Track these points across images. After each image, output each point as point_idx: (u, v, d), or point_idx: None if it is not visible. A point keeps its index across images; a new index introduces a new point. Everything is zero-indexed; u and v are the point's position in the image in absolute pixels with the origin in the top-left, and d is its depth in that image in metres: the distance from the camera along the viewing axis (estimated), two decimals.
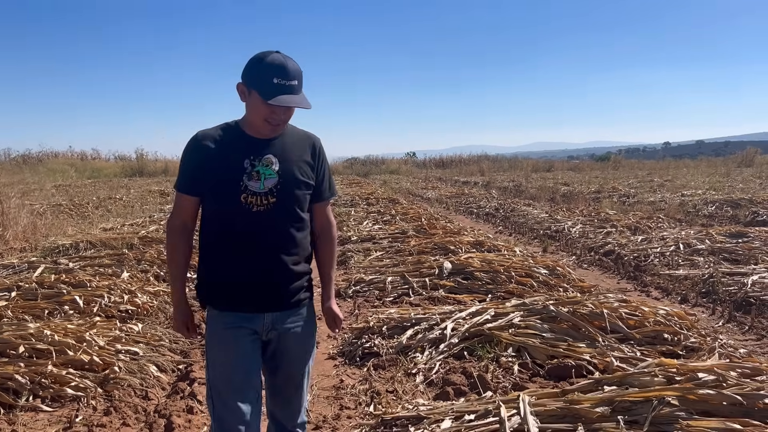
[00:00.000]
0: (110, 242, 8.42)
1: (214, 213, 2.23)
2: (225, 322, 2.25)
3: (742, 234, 8.49)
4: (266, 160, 2.19)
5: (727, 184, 17.55)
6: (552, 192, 17.65)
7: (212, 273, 2.28)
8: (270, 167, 2.19)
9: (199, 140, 2.21)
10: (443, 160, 42.89)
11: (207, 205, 2.24)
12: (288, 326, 2.30)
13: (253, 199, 2.16)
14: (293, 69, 2.09)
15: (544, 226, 10.90)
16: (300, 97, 2.12)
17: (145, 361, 4.31)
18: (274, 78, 2.05)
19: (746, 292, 5.76)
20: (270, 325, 2.27)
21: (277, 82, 2.05)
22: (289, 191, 2.21)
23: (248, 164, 2.17)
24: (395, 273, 6.77)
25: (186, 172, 2.24)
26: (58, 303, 5.50)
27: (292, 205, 2.23)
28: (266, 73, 2.06)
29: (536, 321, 4.56)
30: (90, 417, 3.62)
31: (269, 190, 2.18)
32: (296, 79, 2.09)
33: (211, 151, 2.18)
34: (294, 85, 2.09)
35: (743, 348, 4.47)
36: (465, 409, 3.22)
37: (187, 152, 2.24)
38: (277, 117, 2.13)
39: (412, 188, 22.64)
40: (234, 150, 2.18)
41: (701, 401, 2.96)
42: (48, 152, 35.09)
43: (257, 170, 2.17)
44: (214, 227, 2.24)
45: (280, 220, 2.22)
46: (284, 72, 2.06)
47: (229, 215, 2.19)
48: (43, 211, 13.03)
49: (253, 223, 2.18)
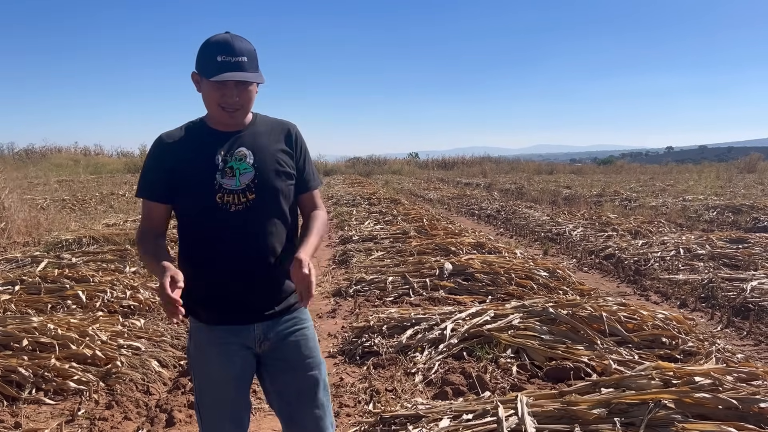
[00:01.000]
0: (113, 238, 8.48)
1: (189, 218, 2.04)
2: (210, 338, 2.06)
3: (743, 240, 8.51)
4: (239, 153, 2.00)
5: (729, 190, 17.56)
6: (554, 195, 17.67)
7: (192, 283, 1.96)
8: (244, 161, 2.00)
9: (164, 141, 2.03)
10: (445, 161, 42.95)
11: (180, 210, 2.05)
12: (283, 334, 2.09)
13: (230, 197, 1.97)
14: (240, 46, 1.92)
15: (545, 229, 10.92)
16: (250, 73, 1.93)
17: (146, 356, 4.35)
18: (217, 56, 1.89)
19: (745, 297, 5.78)
20: (262, 335, 2.06)
21: (221, 60, 1.89)
22: (268, 185, 2.02)
23: (220, 160, 1.98)
24: (396, 273, 6.80)
25: (151, 177, 2.04)
26: (61, 297, 5.55)
27: (274, 200, 2.04)
28: (210, 52, 1.91)
29: (535, 323, 4.59)
30: (92, 410, 3.66)
31: (246, 186, 1.98)
32: (244, 56, 1.92)
33: (178, 152, 2.00)
34: (241, 62, 1.91)
35: (741, 353, 4.50)
36: (463, 409, 3.26)
37: (151, 156, 2.05)
38: (230, 99, 1.94)
39: (414, 189, 22.68)
40: (202, 147, 2.00)
41: (697, 404, 2.98)
42: (51, 147, 35.21)
43: (230, 166, 1.98)
44: (190, 233, 2.05)
45: (263, 218, 2.02)
46: (228, 49, 1.90)
47: (204, 219, 1.99)
48: (47, 206, 13.09)
49: (232, 224, 1.98)
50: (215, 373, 2.08)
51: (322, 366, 2.18)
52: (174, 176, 1.99)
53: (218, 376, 2.07)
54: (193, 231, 2.04)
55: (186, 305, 2.00)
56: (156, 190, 2.03)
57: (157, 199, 2.04)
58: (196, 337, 2.11)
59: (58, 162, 29.98)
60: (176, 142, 2.03)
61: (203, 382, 2.11)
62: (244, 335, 2.05)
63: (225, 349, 2.04)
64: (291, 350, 2.10)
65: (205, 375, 2.10)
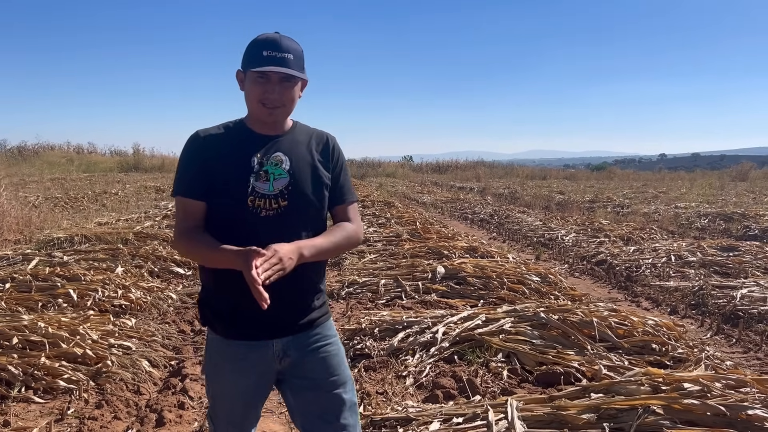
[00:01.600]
0: (105, 237, 8.45)
1: (217, 220, 1.95)
2: (225, 352, 2.00)
3: (734, 248, 8.56)
4: (275, 158, 1.95)
5: (721, 198, 17.65)
6: (547, 200, 17.73)
7: (213, 291, 2.00)
8: (280, 166, 1.95)
9: (200, 138, 1.97)
10: (440, 164, 43.03)
11: (210, 211, 1.96)
12: (305, 350, 2.00)
13: (261, 202, 1.91)
14: (286, 44, 1.90)
15: (538, 234, 10.96)
16: (294, 70, 1.90)
17: (137, 355, 4.34)
18: (263, 51, 1.87)
19: (735, 305, 5.81)
20: (281, 352, 1.98)
21: (266, 54, 1.87)
22: (302, 193, 1.95)
23: (256, 163, 1.93)
24: (389, 276, 6.80)
25: (187, 174, 1.97)
26: (52, 296, 5.53)
27: (306, 209, 1.97)
28: (257, 48, 1.89)
29: (527, 327, 4.61)
30: (82, 409, 3.65)
31: (279, 192, 1.92)
32: (289, 53, 1.89)
33: (213, 150, 1.95)
34: (286, 58, 1.88)
35: (730, 360, 4.52)
36: (453, 412, 3.27)
37: (186, 152, 1.98)
38: (271, 94, 1.90)
39: (408, 192, 22.70)
40: (239, 148, 1.95)
41: (686, 411, 3.01)
42: (44, 145, 35.10)
43: (265, 169, 1.93)
44: (218, 237, 1.92)
45: (292, 226, 1.94)
46: (275, 45, 1.88)
47: (233, 222, 1.92)
48: (39, 204, 13.04)
49: (260, 230, 1.89)
50: (227, 388, 2.03)
51: (349, 384, 2.06)
52: (208, 173, 1.93)
53: (230, 391, 2.03)
54: (218, 234, 1.92)
55: (204, 315, 2.06)
56: (194, 188, 1.95)
57: (196, 196, 1.95)
58: (212, 349, 2.05)
59: (51, 160, 29.87)
60: (212, 139, 1.97)
61: (216, 395, 2.08)
62: (262, 351, 1.97)
63: (240, 366, 1.97)
64: (314, 367, 2.00)
65: (219, 388, 2.07)
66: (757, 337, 5.10)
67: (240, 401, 2.04)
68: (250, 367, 1.98)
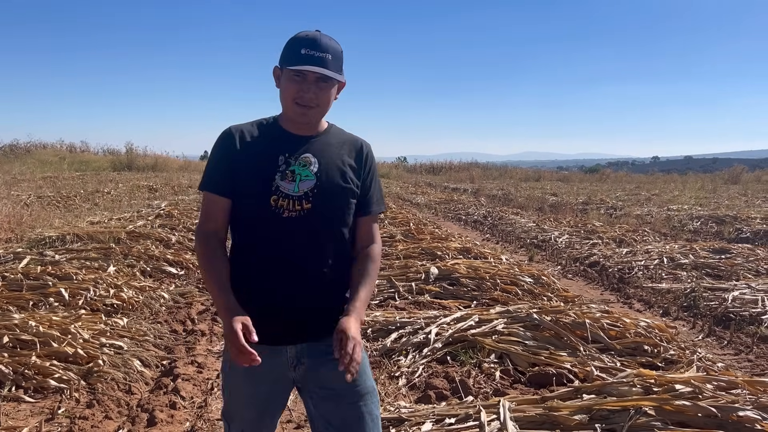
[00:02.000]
0: (97, 236, 8.40)
1: (241, 219, 1.93)
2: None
3: (726, 250, 8.60)
4: (304, 159, 1.90)
5: (714, 201, 17.73)
6: (540, 202, 17.76)
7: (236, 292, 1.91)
8: (307, 168, 1.89)
9: (231, 134, 1.93)
10: (434, 165, 43.07)
11: (234, 209, 1.93)
12: (320, 360, 1.91)
13: (285, 202, 1.85)
14: (326, 43, 1.85)
15: (531, 235, 10.97)
16: (331, 71, 1.86)
17: (129, 355, 4.32)
18: (302, 49, 1.83)
19: (726, 307, 5.84)
20: (295, 359, 1.92)
21: (304, 53, 1.82)
22: (327, 197, 1.89)
23: (282, 161, 1.89)
24: (382, 276, 6.80)
25: (214, 169, 1.94)
26: (43, 294, 5.50)
27: (331, 214, 1.92)
28: (296, 46, 1.85)
29: (519, 328, 4.62)
30: (72, 409, 3.63)
31: (304, 194, 1.87)
32: (328, 53, 1.84)
33: (242, 146, 1.91)
34: (324, 58, 1.83)
35: (721, 362, 4.54)
36: (446, 413, 3.27)
37: (216, 147, 1.95)
38: (306, 93, 1.85)
39: (402, 193, 22.71)
40: (267, 145, 1.92)
41: (677, 412, 3.02)
42: (36, 143, 34.95)
43: (292, 169, 1.88)
44: (238, 236, 1.94)
45: (314, 230, 1.89)
46: (314, 44, 1.83)
47: (254, 221, 1.89)
48: (30, 202, 12.98)
49: (281, 231, 1.86)
50: (239, 392, 1.99)
51: (370, 396, 1.95)
52: (235, 170, 1.89)
53: (242, 395, 1.98)
54: (241, 232, 1.93)
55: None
56: (219, 183, 1.91)
57: (220, 191, 1.91)
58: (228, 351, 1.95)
59: (43, 158, 29.73)
60: (243, 135, 1.93)
61: (229, 397, 2.04)
62: (275, 356, 1.90)
63: (254, 370, 1.82)
64: (332, 377, 1.86)
65: (232, 391, 2.02)
66: (748, 339, 5.12)
67: (253, 407, 1.99)
68: (263, 372, 1.88)
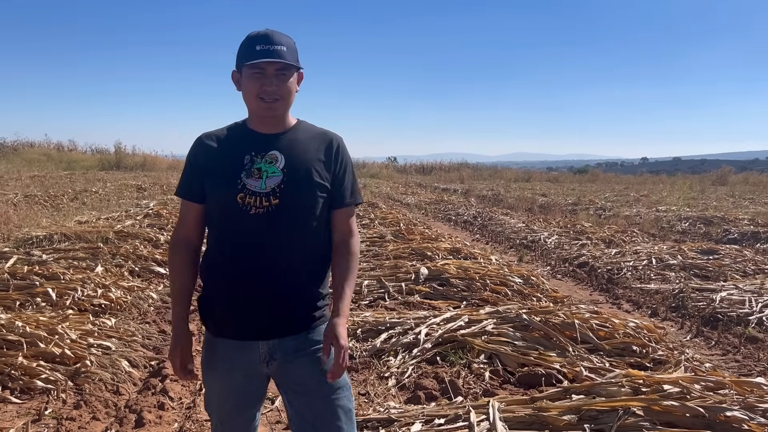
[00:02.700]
0: (85, 235, 8.34)
1: (212, 218, 1.99)
2: (215, 351, 2.01)
3: (713, 251, 8.66)
4: (270, 156, 1.94)
5: (702, 202, 17.85)
6: (530, 202, 17.81)
7: (207, 290, 2.03)
8: (274, 164, 1.93)
9: (202, 140, 2.01)
10: (424, 166, 43.07)
11: (207, 208, 2.01)
12: (293, 355, 1.96)
13: (251, 199, 1.89)
14: (279, 38, 1.90)
15: (521, 236, 11.01)
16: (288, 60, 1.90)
17: (117, 355, 4.29)
18: (257, 46, 1.88)
19: (714, 308, 5.88)
20: (267, 355, 1.95)
21: (260, 48, 1.87)
22: (295, 192, 1.91)
23: (248, 160, 1.93)
24: (372, 277, 6.80)
25: (187, 175, 2.02)
26: (30, 294, 5.45)
27: (299, 209, 1.93)
28: (250, 44, 1.90)
29: (509, 329, 4.62)
30: (59, 410, 3.60)
31: (271, 190, 1.90)
32: (282, 45, 1.89)
33: (213, 151, 1.98)
34: (280, 50, 1.88)
35: (709, 362, 4.57)
36: (435, 414, 3.27)
37: (189, 155, 2.03)
38: (269, 88, 1.89)
39: (392, 193, 22.71)
40: (235, 146, 1.97)
41: (665, 412, 3.03)
42: (24, 142, 34.62)
43: (258, 167, 1.92)
44: (212, 236, 2.01)
45: (283, 226, 1.91)
46: (268, 39, 1.89)
47: (224, 220, 1.94)
48: (17, 202, 12.87)
49: (250, 228, 1.90)
50: (216, 386, 2.06)
51: (343, 390, 2.00)
52: (204, 174, 1.96)
53: (219, 389, 2.05)
54: (214, 232, 2.00)
55: (200, 313, 2.06)
56: (191, 189, 2.00)
57: (192, 197, 2.00)
58: (206, 346, 2.07)
59: (31, 157, 29.48)
60: (213, 141, 2.00)
61: (208, 392, 2.12)
62: (248, 352, 1.96)
63: (227, 365, 1.98)
64: (303, 372, 1.96)
65: (209, 386, 2.09)
66: (736, 340, 5.16)
67: (228, 401, 2.04)
68: (237, 367, 1.98)
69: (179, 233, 2.05)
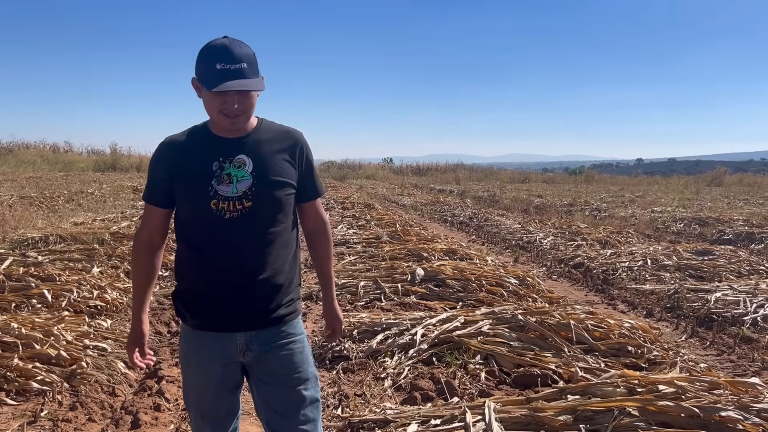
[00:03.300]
0: (81, 237, 8.32)
1: (186, 223, 2.05)
2: (194, 343, 2.10)
3: (708, 252, 8.68)
4: (237, 160, 1.98)
5: (697, 202, 17.89)
6: (526, 203, 17.83)
7: (183, 287, 2.11)
8: (242, 168, 1.98)
9: (166, 146, 2.05)
10: (419, 167, 43.11)
11: (178, 213, 2.08)
12: (268, 347, 2.06)
13: (225, 204, 1.95)
14: (239, 52, 1.88)
15: (517, 237, 11.02)
16: (251, 81, 1.90)
17: (113, 357, 4.29)
18: (216, 64, 1.86)
19: (709, 308, 5.90)
20: (244, 346, 2.04)
21: (220, 68, 1.85)
22: (265, 193, 1.99)
23: (217, 167, 1.97)
24: (368, 278, 6.80)
25: (152, 181, 2.07)
26: (25, 296, 5.44)
27: (272, 208, 2.01)
28: (209, 60, 1.87)
29: (505, 330, 4.63)
30: (55, 412, 3.60)
31: (243, 193, 1.96)
32: (243, 62, 1.88)
33: (178, 157, 2.01)
34: (241, 69, 1.87)
35: (704, 362, 4.59)
36: (431, 414, 3.28)
37: (153, 161, 2.07)
38: (230, 106, 1.91)
39: (388, 194, 22.72)
40: (201, 153, 1.99)
41: (661, 412, 3.04)
42: (19, 143, 34.52)
43: (228, 173, 1.97)
44: (186, 237, 2.06)
45: (258, 226, 1.99)
46: (228, 55, 1.86)
47: (198, 225, 2.01)
48: (13, 203, 12.83)
49: (225, 231, 1.97)
50: (195, 378, 2.12)
51: (311, 382, 2.12)
52: (173, 181, 2.01)
53: (198, 380, 2.11)
54: (187, 235, 2.06)
55: (176, 308, 2.15)
56: (157, 195, 2.06)
57: (157, 203, 2.07)
58: (183, 340, 2.16)
59: (26, 158, 29.39)
60: (178, 147, 2.03)
61: (187, 385, 2.18)
62: (226, 343, 2.05)
63: (206, 356, 2.06)
64: (276, 364, 2.07)
65: (188, 378, 2.16)
66: (731, 340, 5.18)
67: (208, 392, 2.11)
68: (214, 358, 2.06)
69: (142, 235, 2.12)
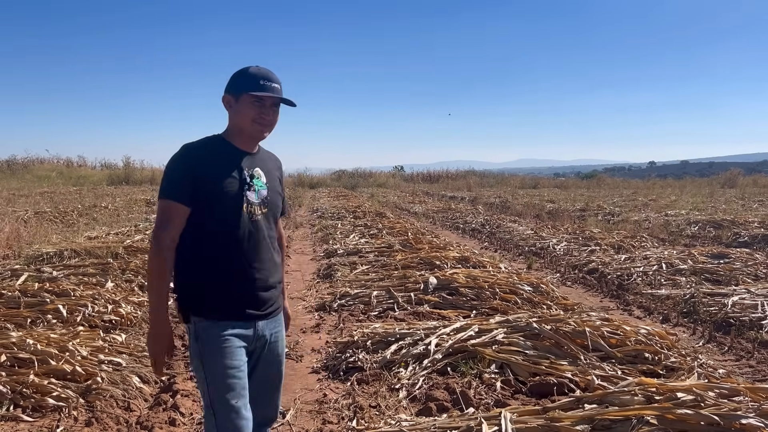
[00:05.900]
0: (95, 251, 8.37)
1: (214, 223, 2.25)
2: (217, 334, 2.25)
3: (724, 255, 8.60)
4: (257, 172, 2.34)
5: (711, 205, 17.75)
6: (538, 209, 17.77)
7: (213, 284, 2.28)
8: (260, 179, 2.34)
9: (191, 150, 2.27)
10: (430, 174, 43.13)
11: (206, 215, 2.23)
12: (271, 333, 2.41)
13: (252, 208, 2.30)
14: (275, 77, 2.31)
15: (530, 243, 10.97)
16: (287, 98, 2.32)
17: (128, 372, 4.29)
18: (260, 80, 2.25)
19: (726, 312, 5.83)
20: (261, 333, 2.36)
21: (263, 83, 2.25)
22: (274, 202, 2.41)
23: (247, 175, 2.29)
24: (381, 287, 6.79)
25: (178, 180, 2.21)
26: (41, 312, 5.47)
27: (275, 216, 2.44)
28: (252, 76, 2.26)
29: (519, 338, 4.60)
30: (71, 427, 3.60)
31: (262, 200, 2.34)
32: (279, 84, 2.30)
33: (205, 162, 2.24)
34: (279, 88, 2.30)
35: (722, 368, 4.52)
36: (447, 425, 3.25)
37: (177, 161, 2.24)
38: (266, 117, 2.28)
39: (399, 202, 22.73)
40: (230, 162, 2.29)
41: (679, 421, 3.00)
42: (34, 158, 34.95)
43: (254, 182, 2.31)
44: (212, 236, 2.26)
45: (268, 228, 2.38)
46: (269, 77, 2.28)
47: (231, 225, 2.26)
48: (28, 218, 12.95)
49: (252, 231, 2.30)
50: (230, 361, 2.25)
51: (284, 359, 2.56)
52: (201, 184, 2.21)
53: (233, 362, 2.25)
54: (216, 234, 2.26)
55: (191, 307, 2.31)
56: (183, 194, 2.21)
57: (183, 201, 2.21)
58: (203, 335, 2.28)
59: (41, 173, 29.70)
60: (202, 153, 2.27)
61: (219, 375, 2.23)
62: (245, 331, 2.31)
63: (231, 343, 2.27)
64: (272, 347, 2.44)
65: (220, 367, 2.23)
66: (749, 345, 5.11)
67: (243, 372, 2.28)
68: (242, 347, 2.30)
69: (167, 235, 2.22)
